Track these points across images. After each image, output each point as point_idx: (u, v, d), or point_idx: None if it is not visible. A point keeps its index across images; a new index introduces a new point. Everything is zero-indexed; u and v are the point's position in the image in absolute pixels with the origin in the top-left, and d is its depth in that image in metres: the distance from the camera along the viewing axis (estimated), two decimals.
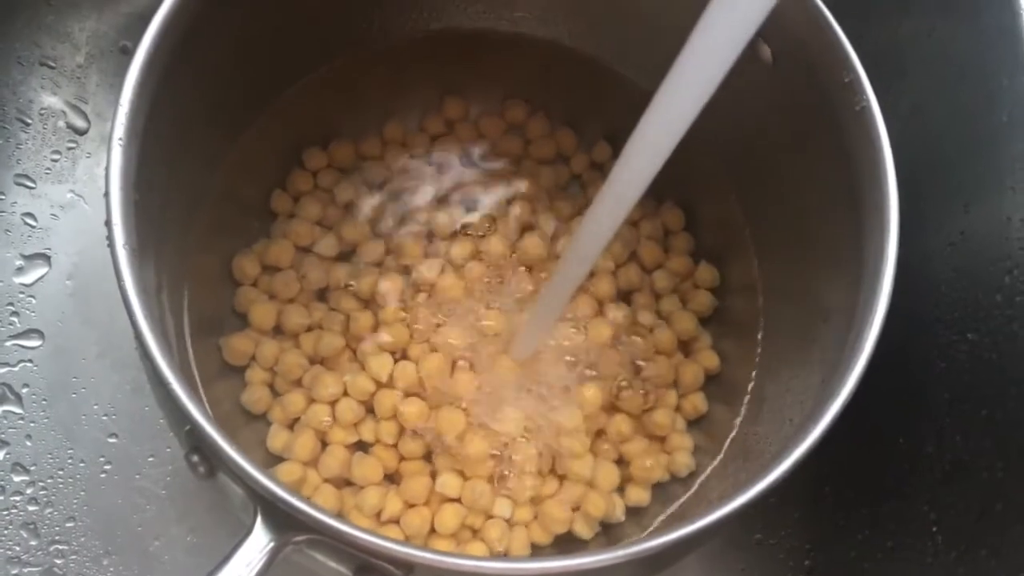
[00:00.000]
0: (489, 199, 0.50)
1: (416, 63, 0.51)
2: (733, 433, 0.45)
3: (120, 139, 0.32)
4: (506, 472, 0.43)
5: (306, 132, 0.50)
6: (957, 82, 0.43)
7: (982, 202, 0.40)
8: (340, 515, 0.42)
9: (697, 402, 0.47)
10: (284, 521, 0.30)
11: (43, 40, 0.53)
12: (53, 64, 0.53)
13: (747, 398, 0.45)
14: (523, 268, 0.48)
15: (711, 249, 0.50)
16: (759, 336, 0.46)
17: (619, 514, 0.44)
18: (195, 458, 0.32)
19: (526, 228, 0.50)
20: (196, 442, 0.31)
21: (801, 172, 0.43)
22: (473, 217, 0.50)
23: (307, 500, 0.29)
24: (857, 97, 0.36)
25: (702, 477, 0.45)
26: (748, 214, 0.48)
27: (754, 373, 0.45)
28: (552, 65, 0.51)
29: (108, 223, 0.31)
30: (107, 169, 0.32)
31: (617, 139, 0.51)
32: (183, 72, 0.36)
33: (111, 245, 0.31)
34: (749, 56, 0.28)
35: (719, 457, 0.45)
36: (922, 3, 0.45)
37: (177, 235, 0.42)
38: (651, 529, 0.44)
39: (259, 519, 0.30)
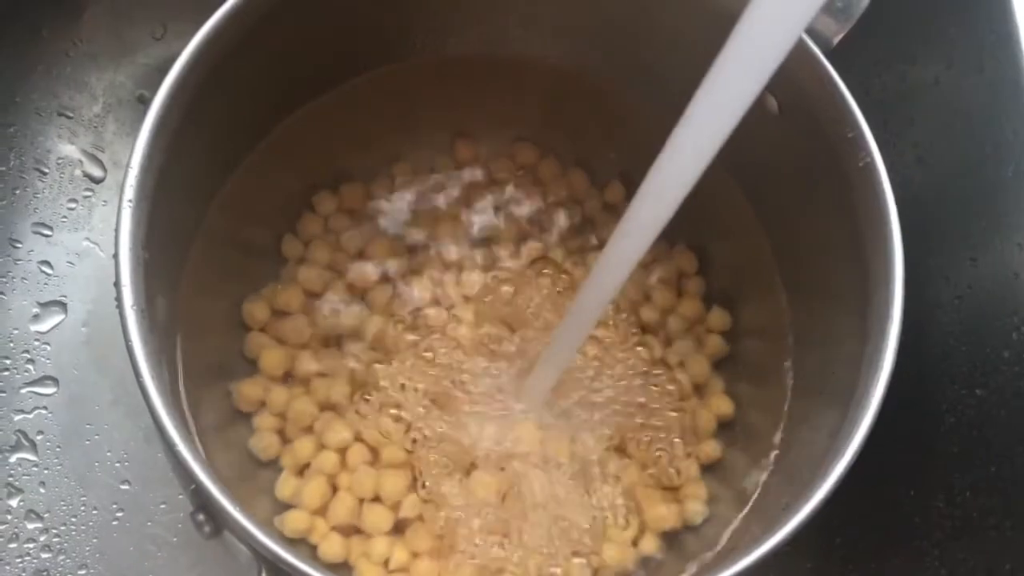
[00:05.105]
0: (499, 240, 0.50)
1: (424, 95, 0.50)
2: (762, 479, 0.43)
3: (129, 201, 0.33)
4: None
5: (316, 176, 0.50)
6: (963, 133, 0.43)
7: (989, 256, 0.40)
8: (347, 564, 0.43)
9: (710, 448, 0.46)
10: None
11: (61, 90, 0.54)
12: (71, 114, 0.54)
13: (774, 449, 0.44)
14: (534, 310, 0.48)
15: (722, 291, 0.50)
16: (789, 382, 0.45)
17: (631, 565, 0.44)
18: (201, 517, 0.32)
19: (538, 268, 0.50)
20: (202, 501, 0.31)
21: (814, 221, 0.42)
22: (483, 258, 0.50)
23: (311, 562, 0.30)
24: (861, 153, 0.36)
25: (729, 531, 0.43)
26: (777, 256, 0.47)
27: (783, 423, 0.44)
28: (564, 95, 0.51)
29: (117, 284, 0.32)
30: (116, 230, 0.33)
31: (629, 175, 0.51)
32: (189, 129, 0.36)
33: (120, 306, 0.32)
34: (756, 106, 0.28)
35: (744, 510, 0.43)
36: (927, 54, 0.45)
37: (184, 284, 0.42)
38: None
39: None
